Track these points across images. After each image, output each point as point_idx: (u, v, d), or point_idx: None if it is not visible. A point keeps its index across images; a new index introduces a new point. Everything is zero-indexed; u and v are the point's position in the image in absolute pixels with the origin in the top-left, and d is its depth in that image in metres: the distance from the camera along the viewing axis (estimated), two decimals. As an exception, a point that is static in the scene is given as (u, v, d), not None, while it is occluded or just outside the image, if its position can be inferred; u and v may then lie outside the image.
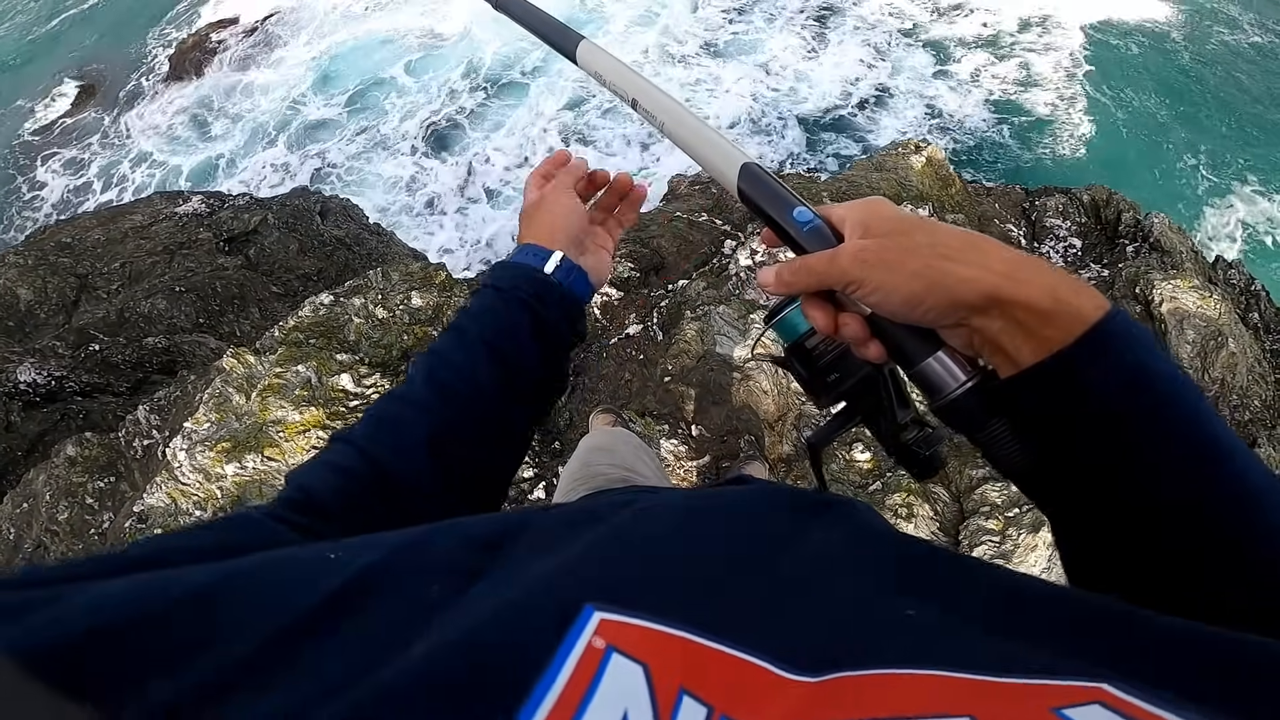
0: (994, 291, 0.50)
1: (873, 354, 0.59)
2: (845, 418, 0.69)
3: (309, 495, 0.60)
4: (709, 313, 3.22)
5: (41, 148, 14.41)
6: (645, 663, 0.34)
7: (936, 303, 0.52)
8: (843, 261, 0.56)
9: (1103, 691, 0.32)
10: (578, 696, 0.31)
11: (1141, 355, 0.49)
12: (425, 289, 3.45)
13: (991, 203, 4.70)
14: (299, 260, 5.79)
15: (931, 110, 12.63)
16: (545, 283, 0.77)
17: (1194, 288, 3.57)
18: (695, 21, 14.23)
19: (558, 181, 0.86)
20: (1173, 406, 0.48)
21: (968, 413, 0.55)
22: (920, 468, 0.63)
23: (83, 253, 5.50)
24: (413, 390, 0.72)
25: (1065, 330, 0.49)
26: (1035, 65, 13.14)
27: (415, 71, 14.28)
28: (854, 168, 4.56)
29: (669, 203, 4.64)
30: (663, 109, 0.74)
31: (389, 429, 0.68)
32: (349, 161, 12.76)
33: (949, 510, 2.68)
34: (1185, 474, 0.47)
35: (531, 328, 0.75)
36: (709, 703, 0.33)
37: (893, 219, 0.57)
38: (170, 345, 4.47)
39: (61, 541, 2.93)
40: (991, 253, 0.52)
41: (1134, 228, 4.31)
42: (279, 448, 2.82)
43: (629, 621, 0.37)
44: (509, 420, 0.75)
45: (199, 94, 14.76)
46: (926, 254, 0.53)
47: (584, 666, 0.33)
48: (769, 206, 0.65)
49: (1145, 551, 0.49)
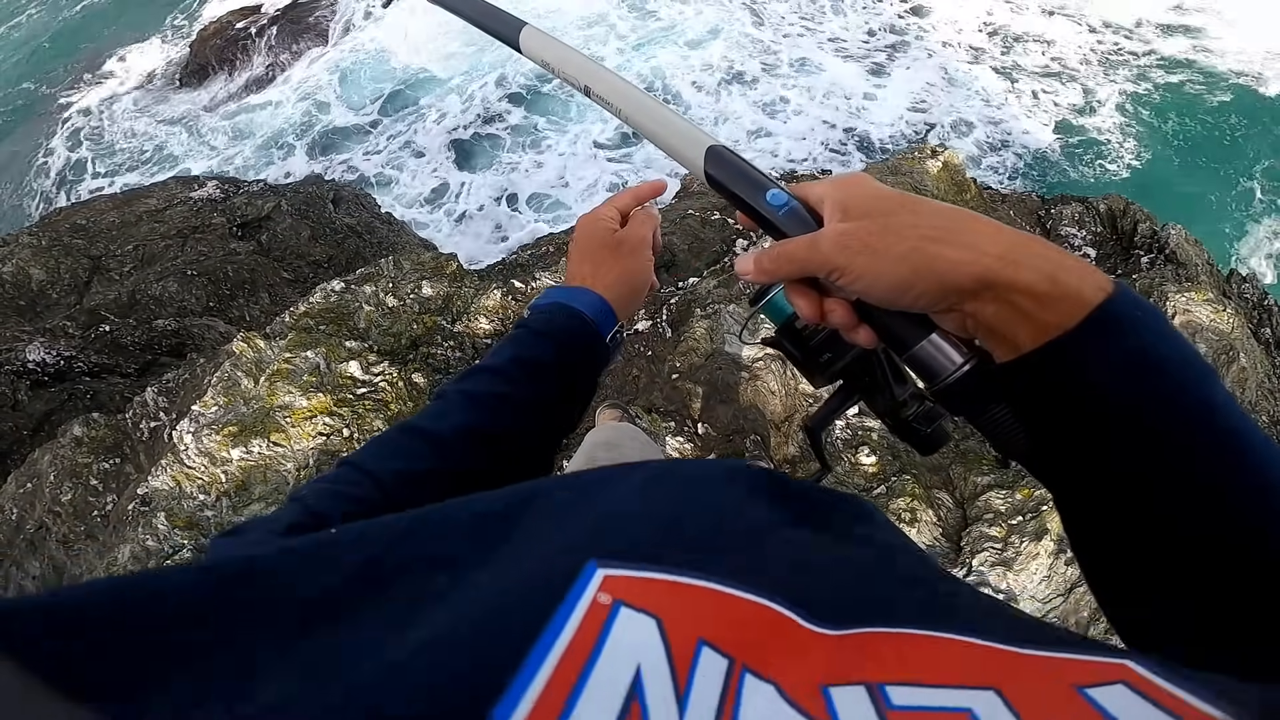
0: (987, 275, 0.47)
1: (862, 339, 0.56)
2: (843, 397, 0.67)
3: (320, 522, 0.57)
4: (719, 311, 3.21)
5: (57, 132, 14.47)
6: (657, 615, 0.33)
7: (926, 289, 0.49)
8: (824, 247, 0.52)
9: (1127, 669, 0.30)
10: (583, 655, 0.29)
11: (1147, 339, 0.46)
12: (436, 278, 3.45)
13: (1006, 210, 4.67)
14: (310, 247, 5.81)
15: (994, 132, 12.47)
16: (599, 351, 0.74)
17: (1208, 301, 3.54)
18: (756, 42, 13.95)
19: (643, 231, 0.80)
20: (1184, 393, 0.45)
21: (965, 397, 0.53)
22: (923, 443, 0.61)
23: (97, 235, 5.52)
24: (444, 427, 0.66)
25: (1065, 315, 0.46)
26: (1092, 90, 12.96)
27: (446, 75, 13.93)
28: (868, 170, 4.53)
29: (681, 200, 4.63)
30: (619, 94, 0.71)
31: (403, 458, 0.64)
32: (374, 170, 12.45)
33: (952, 516, 2.66)
34: (1204, 463, 0.44)
35: (565, 392, 0.72)
36: (730, 654, 0.32)
37: (875, 197, 0.53)
38: (180, 328, 4.49)
39: (64, 523, 2.93)
40: (983, 232, 0.49)
41: (1150, 238, 4.28)
42: (285, 433, 2.82)
43: (637, 575, 0.35)
44: (530, 467, 0.72)
45: (216, 88, 14.63)
46: (912, 236, 0.50)
47: (589, 623, 0.31)
48: (740, 190, 0.61)
49: (1161, 537, 0.46)
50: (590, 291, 0.75)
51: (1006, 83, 13.18)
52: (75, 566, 2.85)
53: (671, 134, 0.67)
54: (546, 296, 0.76)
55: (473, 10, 0.86)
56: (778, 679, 0.31)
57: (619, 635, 0.31)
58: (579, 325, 0.72)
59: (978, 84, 13.13)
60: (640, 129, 0.69)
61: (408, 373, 3.13)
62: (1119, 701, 0.29)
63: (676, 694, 0.29)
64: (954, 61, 13.58)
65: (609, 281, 0.76)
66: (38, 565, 2.90)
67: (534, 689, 0.27)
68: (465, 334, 3.39)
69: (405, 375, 3.11)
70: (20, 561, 2.92)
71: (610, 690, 0.28)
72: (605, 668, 0.29)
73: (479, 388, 0.68)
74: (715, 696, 0.30)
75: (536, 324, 0.72)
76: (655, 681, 0.29)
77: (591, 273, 0.76)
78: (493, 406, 0.67)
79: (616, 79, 0.72)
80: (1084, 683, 0.30)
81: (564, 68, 0.76)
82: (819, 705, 0.31)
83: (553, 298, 0.75)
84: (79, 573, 2.82)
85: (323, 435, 2.86)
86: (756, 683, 0.31)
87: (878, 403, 0.63)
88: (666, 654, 0.31)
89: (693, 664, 0.30)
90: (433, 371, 3.22)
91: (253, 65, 14.88)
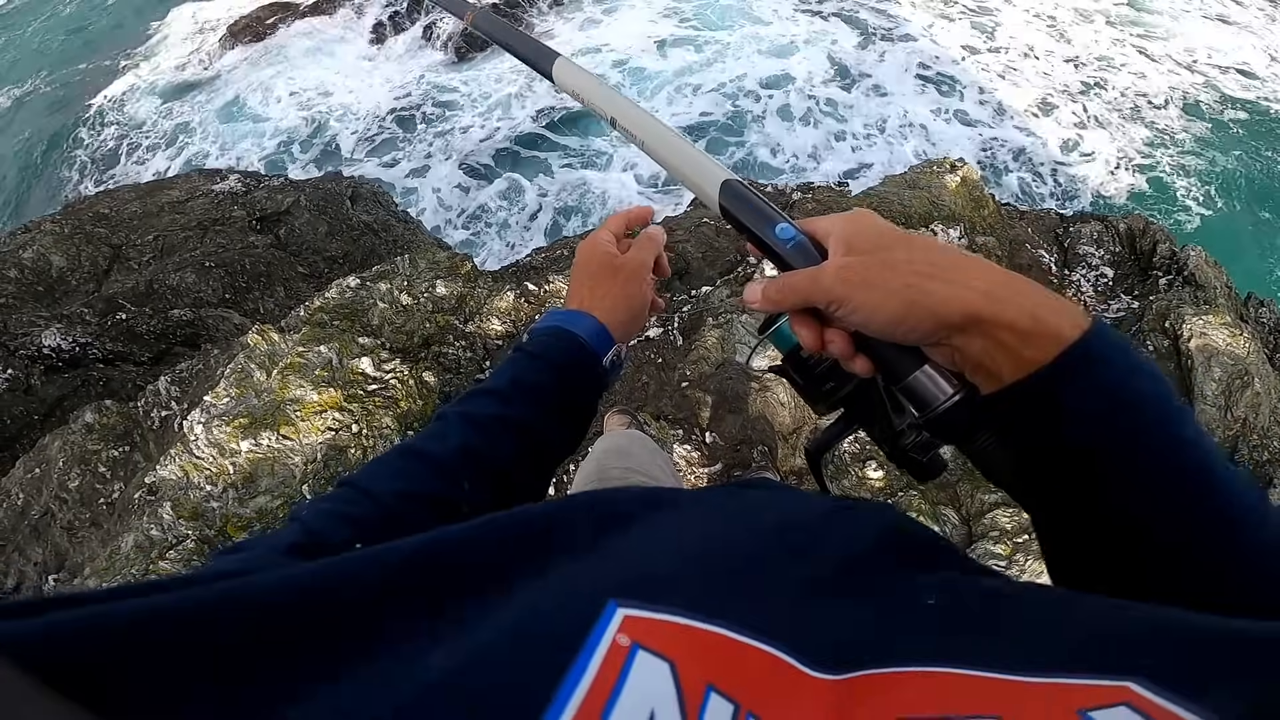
0: (974, 311, 0.50)
1: (859, 369, 0.59)
2: (844, 425, 0.70)
3: (319, 543, 0.57)
4: (731, 321, 3.21)
5: (88, 119, 14.62)
6: (672, 660, 0.34)
7: (918, 322, 0.52)
8: (825, 280, 0.56)
9: (1129, 691, 0.31)
10: (603, 698, 0.31)
11: (1120, 375, 0.49)
12: (450, 278, 3.46)
13: (1024, 227, 4.64)
14: (326, 243, 5.84)
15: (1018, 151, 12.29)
16: (596, 374, 0.75)
17: (1225, 324, 3.50)
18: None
19: (643, 256, 0.83)
20: (1154, 427, 0.48)
21: (954, 426, 0.56)
22: (920, 471, 0.64)
23: (119, 224, 5.58)
24: (444, 449, 0.67)
25: (1043, 351, 0.49)
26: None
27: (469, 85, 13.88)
28: (886, 184, 4.52)
29: (697, 208, 4.63)
30: (641, 127, 0.74)
31: (403, 479, 0.64)
32: (400, 180, 12.37)
33: (958, 534, 2.65)
34: (1167, 494, 0.47)
35: (563, 414, 0.73)
36: (736, 699, 0.33)
37: (876, 234, 0.57)
38: (195, 318, 4.52)
39: (69, 510, 2.96)
40: (972, 271, 0.52)
41: (1169, 259, 4.24)
42: (295, 426, 2.84)
43: (654, 617, 0.36)
44: (527, 490, 0.73)
45: (239, 83, 14.73)
46: (907, 272, 0.53)
47: (609, 665, 0.33)
48: (751, 223, 0.65)
49: (1128, 558, 0.49)
50: (587, 315, 0.76)
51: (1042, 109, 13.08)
52: (77, 554, 2.87)
53: (689, 167, 0.70)
54: (546, 319, 0.77)
55: (513, 41, 0.91)
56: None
57: (636, 678, 0.32)
58: (575, 348, 0.74)
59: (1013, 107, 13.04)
60: (660, 160, 0.73)
61: (419, 371, 3.15)
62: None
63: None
64: (978, 73, 13.52)
65: (607, 305, 0.78)
66: (40, 552, 2.93)
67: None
68: (477, 334, 3.41)
69: (416, 374, 3.13)
70: (23, 547, 2.94)
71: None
72: (624, 711, 0.31)
73: (478, 409, 0.69)
74: None
75: (534, 347, 0.74)
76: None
77: (590, 296, 0.78)
78: (492, 428, 0.68)
79: (640, 112, 0.75)
80: (1087, 706, 0.31)
81: (592, 99, 0.79)
82: None
83: (551, 321, 0.77)
84: (80, 560, 2.84)
85: (331, 430, 2.87)
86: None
87: (876, 431, 0.66)
88: (679, 699, 0.32)
89: (701, 709, 0.32)
90: (444, 370, 3.23)
91: (273, 60, 15.01)
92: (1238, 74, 13.66)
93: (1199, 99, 13.21)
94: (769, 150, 12.21)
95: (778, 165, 12.02)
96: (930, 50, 14.03)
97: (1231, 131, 12.64)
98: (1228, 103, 13.12)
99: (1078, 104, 13.09)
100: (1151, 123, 12.74)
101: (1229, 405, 3.31)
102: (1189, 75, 13.65)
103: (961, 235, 3.88)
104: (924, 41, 14.21)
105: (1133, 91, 13.40)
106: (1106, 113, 12.97)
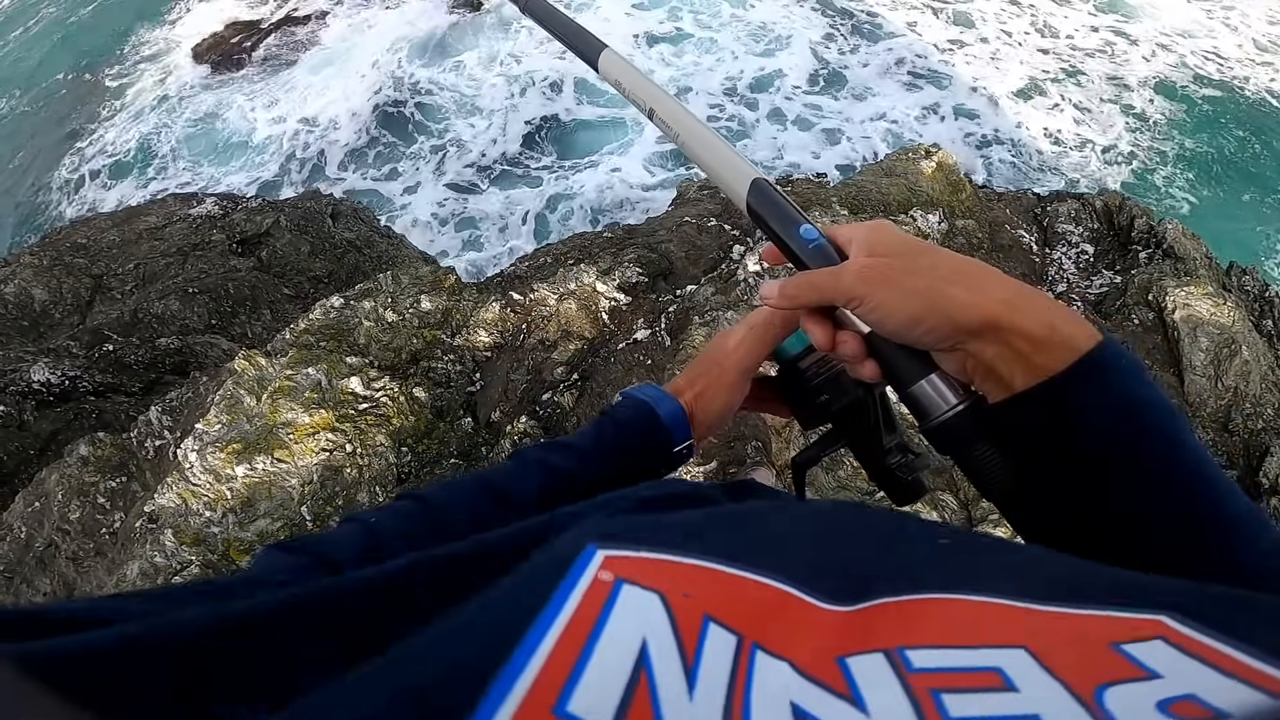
0: (993, 318, 0.51)
1: (867, 373, 0.60)
2: (832, 440, 0.71)
3: (380, 546, 0.58)
4: (717, 318, 3.22)
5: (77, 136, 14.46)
6: (661, 591, 0.33)
7: (936, 324, 0.53)
8: (846, 278, 0.57)
9: (1162, 625, 0.30)
10: (585, 630, 0.29)
11: (1131, 384, 0.50)
12: (435, 293, 3.46)
13: (1003, 208, 4.67)
14: (310, 262, 5.83)
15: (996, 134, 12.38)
16: (662, 457, 0.75)
17: (1207, 294, 3.54)
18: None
19: (746, 363, 0.76)
20: (1160, 433, 0.50)
21: (957, 434, 0.56)
22: (901, 492, 0.65)
23: (98, 253, 5.55)
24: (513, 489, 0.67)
25: (1058, 358, 0.50)
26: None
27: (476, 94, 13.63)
28: (864, 173, 4.54)
29: (678, 207, 4.64)
30: (678, 121, 0.75)
31: (469, 510, 0.64)
32: (399, 197, 12.22)
33: (956, 518, 2.66)
34: (1170, 496, 0.49)
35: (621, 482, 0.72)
36: (738, 630, 0.31)
37: (899, 241, 0.58)
38: (183, 346, 4.51)
39: (73, 540, 2.95)
40: (992, 281, 0.54)
41: (1147, 234, 4.28)
42: (288, 449, 2.83)
43: (639, 555, 0.35)
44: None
45: (211, 102, 14.55)
46: (929, 276, 0.54)
47: (590, 600, 0.31)
48: (776, 222, 0.65)
49: (1127, 561, 0.49)
50: (676, 401, 0.76)
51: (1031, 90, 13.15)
52: (85, 583, 2.86)
53: (721, 163, 0.71)
54: (641, 391, 0.78)
55: (561, 28, 0.92)
56: (791, 656, 0.31)
57: (623, 609, 0.31)
58: (652, 429, 0.75)
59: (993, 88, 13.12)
60: (692, 155, 0.73)
61: (409, 387, 3.14)
62: (1161, 657, 0.28)
63: (685, 667, 0.29)
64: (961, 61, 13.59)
65: (703, 403, 0.77)
66: (48, 582, 2.92)
67: (534, 664, 0.27)
68: (465, 347, 3.41)
69: (406, 390, 3.12)
70: (30, 579, 2.94)
71: (616, 663, 0.28)
72: (610, 641, 0.29)
73: (557, 462, 0.70)
74: (725, 671, 0.29)
75: (621, 415, 0.76)
76: (662, 655, 0.29)
77: (689, 385, 0.78)
78: (564, 484, 0.69)
79: (678, 107, 0.76)
80: (1120, 639, 0.30)
81: (634, 91, 0.80)
82: (836, 676, 0.30)
83: (644, 394, 0.77)
84: (89, 589, 2.83)
85: (325, 451, 2.87)
86: (768, 659, 0.31)
87: (864, 448, 0.67)
88: (673, 628, 0.30)
89: (700, 639, 0.30)
90: (434, 385, 3.23)
91: (269, 72, 14.89)
92: (1210, 56, 13.81)
93: (1174, 80, 13.35)
94: (741, 146, 12.21)
95: (756, 161, 11.94)
96: (908, 40, 14.10)
97: (1204, 110, 12.79)
98: (1201, 83, 13.27)
99: (1056, 88, 13.20)
100: (1128, 106, 12.84)
101: (1219, 375, 3.34)
102: (1165, 56, 13.80)
103: (941, 220, 3.90)
104: (905, 33, 14.29)
105: (1109, 75, 13.50)
106: (1084, 97, 13.07)
